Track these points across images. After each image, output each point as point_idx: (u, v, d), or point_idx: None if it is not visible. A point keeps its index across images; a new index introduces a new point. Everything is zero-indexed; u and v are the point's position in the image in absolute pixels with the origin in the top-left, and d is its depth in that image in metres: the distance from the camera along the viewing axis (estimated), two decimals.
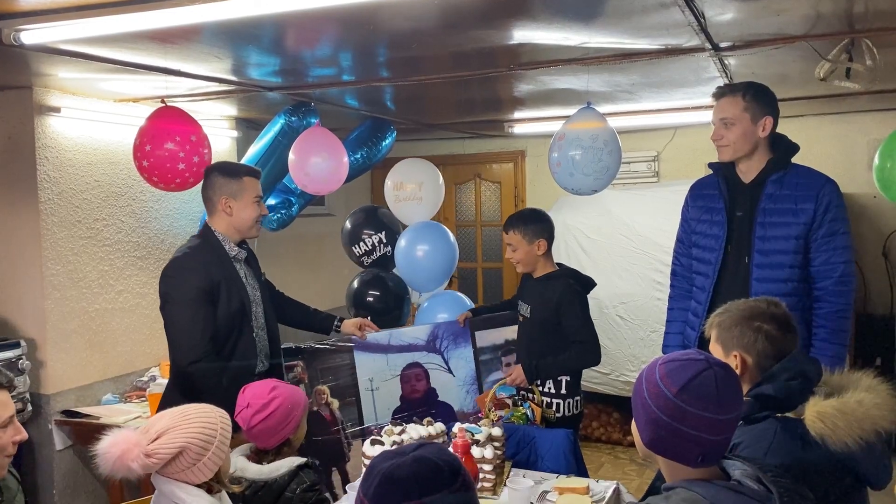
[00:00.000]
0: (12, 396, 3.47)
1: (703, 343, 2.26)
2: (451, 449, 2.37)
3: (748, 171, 2.86)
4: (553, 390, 3.23)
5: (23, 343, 3.69)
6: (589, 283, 3.35)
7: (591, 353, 3.21)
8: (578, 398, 3.28)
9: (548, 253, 3.31)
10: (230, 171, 2.95)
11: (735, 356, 1.94)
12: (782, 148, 2.83)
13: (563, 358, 3.17)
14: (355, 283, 4.80)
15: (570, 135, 3.53)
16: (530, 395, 3.20)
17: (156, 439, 2.04)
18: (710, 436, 1.46)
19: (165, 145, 3.13)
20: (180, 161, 3.13)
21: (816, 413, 1.79)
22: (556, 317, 3.19)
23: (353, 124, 4.96)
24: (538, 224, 3.28)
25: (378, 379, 3.47)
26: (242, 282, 2.91)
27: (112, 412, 3.81)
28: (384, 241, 4.78)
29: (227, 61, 3.18)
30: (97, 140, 4.03)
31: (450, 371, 3.60)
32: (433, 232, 4.48)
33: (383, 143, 4.79)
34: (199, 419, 2.12)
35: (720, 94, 2.87)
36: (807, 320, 2.74)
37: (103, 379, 4.08)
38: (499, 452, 2.66)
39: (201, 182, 3.03)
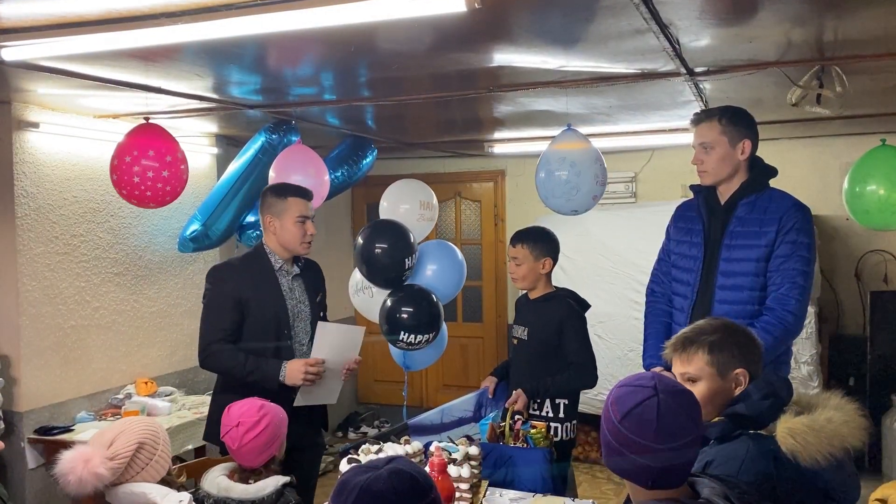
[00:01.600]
0: None
1: None
2: (427, 468, 2.38)
3: (725, 194, 2.91)
4: (551, 413, 3.25)
5: None
6: (585, 305, 3.38)
7: (588, 374, 3.24)
8: (575, 422, 3.30)
9: (549, 274, 3.34)
10: (278, 190, 3.09)
11: (742, 374, 1.94)
12: (756, 172, 2.88)
13: (562, 378, 3.19)
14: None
15: (556, 155, 3.58)
16: (518, 418, 3.19)
17: (111, 445, 2.14)
18: (654, 463, 1.49)
19: (142, 162, 3.12)
20: (158, 179, 3.12)
21: (787, 429, 1.82)
22: (556, 337, 3.22)
23: (333, 142, 4.98)
24: (547, 243, 3.32)
25: None
26: (282, 294, 2.99)
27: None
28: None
29: (208, 79, 3.20)
30: (76, 156, 4.02)
31: None
32: (444, 250, 4.27)
33: (364, 162, 4.81)
34: (140, 421, 2.27)
35: (697, 119, 2.92)
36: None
37: (77, 396, 4.04)
38: (475, 471, 2.67)
39: (177, 199, 3.06)
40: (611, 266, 5.38)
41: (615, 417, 1.52)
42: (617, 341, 5.34)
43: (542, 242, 3.31)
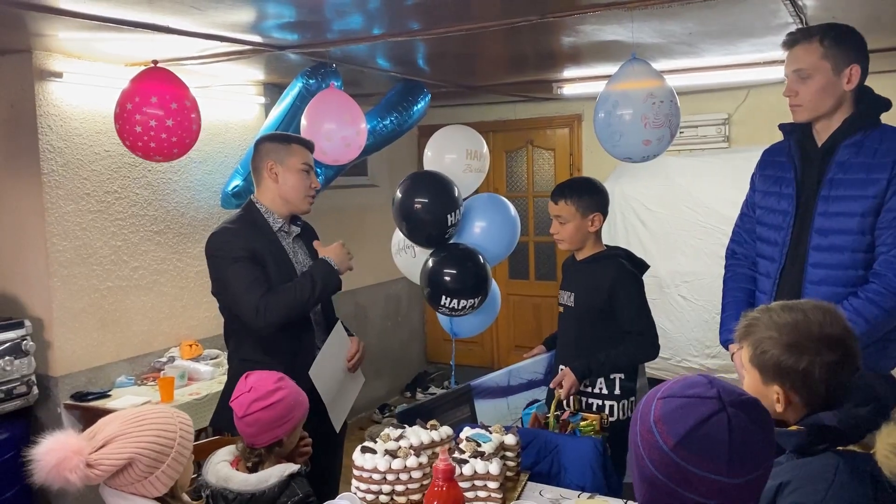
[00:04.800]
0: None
1: None
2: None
3: (823, 133, 2.36)
4: (605, 391, 2.82)
5: (27, 323, 3.50)
6: (642, 266, 2.91)
7: (648, 345, 2.79)
8: (633, 399, 2.86)
9: (599, 231, 2.88)
10: (280, 138, 2.75)
11: (778, 392, 1.49)
12: (864, 105, 2.30)
13: (617, 352, 2.75)
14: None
15: (616, 92, 3.06)
16: (567, 406, 2.78)
17: (101, 447, 1.78)
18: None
19: (144, 110, 2.82)
20: (162, 129, 2.81)
21: (892, 446, 1.35)
22: (607, 304, 2.77)
23: (383, 90, 4.58)
24: (594, 195, 2.84)
25: None
26: (290, 258, 2.67)
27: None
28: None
29: (241, 13, 2.83)
30: (106, 107, 3.75)
31: None
32: (494, 205, 3.82)
33: (415, 108, 4.39)
34: (154, 426, 1.85)
35: (792, 40, 2.36)
36: None
37: (117, 360, 3.88)
38: (511, 464, 2.28)
39: (187, 153, 2.74)
40: (699, 219, 4.86)
41: (665, 443, 1.10)
42: (704, 303, 4.84)
43: (589, 195, 2.83)
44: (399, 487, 2.15)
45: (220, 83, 4.36)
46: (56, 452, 1.75)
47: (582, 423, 2.59)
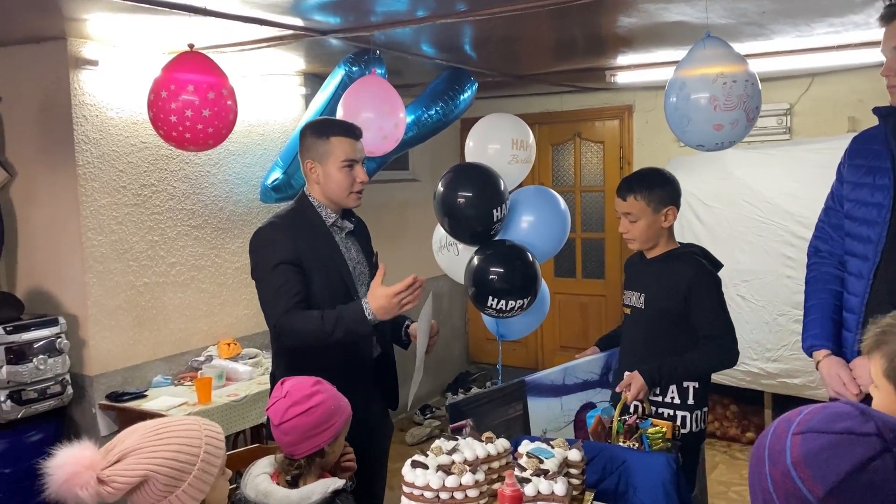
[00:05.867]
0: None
1: None
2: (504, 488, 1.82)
3: None
4: (678, 399, 2.60)
5: (62, 320, 3.38)
6: (718, 265, 2.68)
7: (726, 351, 2.56)
8: (706, 409, 2.65)
9: (672, 227, 2.65)
10: (318, 129, 2.52)
11: None
12: None
13: (692, 358, 2.53)
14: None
15: (692, 75, 2.82)
16: (640, 410, 2.56)
17: (115, 462, 1.61)
18: None
19: (180, 97, 2.66)
20: (199, 120, 2.65)
21: None
22: (683, 306, 2.55)
23: (428, 78, 4.39)
24: (666, 187, 2.61)
25: (552, 429, 2.83)
26: (342, 255, 2.50)
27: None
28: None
29: None
30: (143, 97, 3.59)
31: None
32: (542, 198, 3.59)
33: (461, 97, 4.19)
34: (175, 440, 1.67)
35: (892, 13, 2.11)
36: None
37: (153, 359, 3.75)
38: (576, 482, 2.08)
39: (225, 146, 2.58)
40: (758, 215, 4.61)
41: (811, 492, 0.88)
42: (764, 303, 4.59)
43: (661, 187, 2.60)
44: None
45: (259, 73, 4.21)
46: (68, 466, 1.59)
47: (651, 430, 2.36)
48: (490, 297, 3.16)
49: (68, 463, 1.58)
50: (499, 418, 2.66)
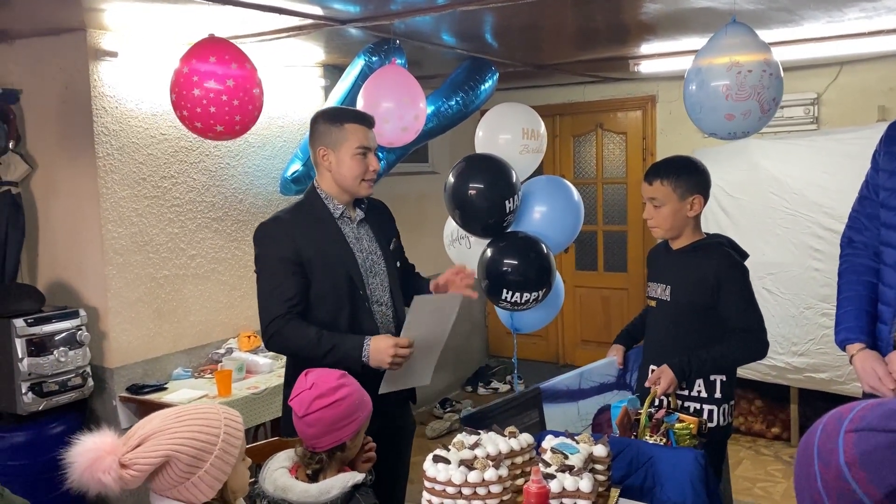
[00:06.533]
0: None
1: None
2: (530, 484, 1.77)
3: None
4: (704, 393, 2.54)
5: (82, 312, 3.38)
6: (745, 256, 2.62)
7: (756, 343, 2.49)
8: (733, 403, 2.59)
9: (699, 216, 2.59)
10: (332, 116, 2.50)
11: None
12: None
13: (721, 350, 2.47)
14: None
15: (708, 63, 2.76)
16: (665, 404, 2.50)
17: (137, 446, 1.60)
18: None
19: (205, 84, 2.63)
20: (224, 105, 2.62)
21: None
22: (711, 299, 2.49)
23: (449, 69, 4.33)
24: (694, 175, 2.55)
25: None
26: (349, 246, 2.47)
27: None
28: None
29: None
30: (163, 88, 3.60)
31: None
32: (555, 188, 3.57)
33: (482, 87, 4.13)
34: (195, 422, 1.67)
35: None
36: None
37: (174, 351, 3.75)
38: (602, 478, 2.03)
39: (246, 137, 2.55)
40: (785, 206, 4.51)
41: (868, 495, 0.82)
42: (791, 296, 4.50)
43: (688, 175, 2.53)
44: (476, 503, 1.92)
45: (279, 64, 4.18)
46: (90, 453, 1.59)
47: (677, 426, 2.31)
48: (504, 290, 3.11)
49: (90, 449, 1.58)
50: (514, 425, 2.61)
